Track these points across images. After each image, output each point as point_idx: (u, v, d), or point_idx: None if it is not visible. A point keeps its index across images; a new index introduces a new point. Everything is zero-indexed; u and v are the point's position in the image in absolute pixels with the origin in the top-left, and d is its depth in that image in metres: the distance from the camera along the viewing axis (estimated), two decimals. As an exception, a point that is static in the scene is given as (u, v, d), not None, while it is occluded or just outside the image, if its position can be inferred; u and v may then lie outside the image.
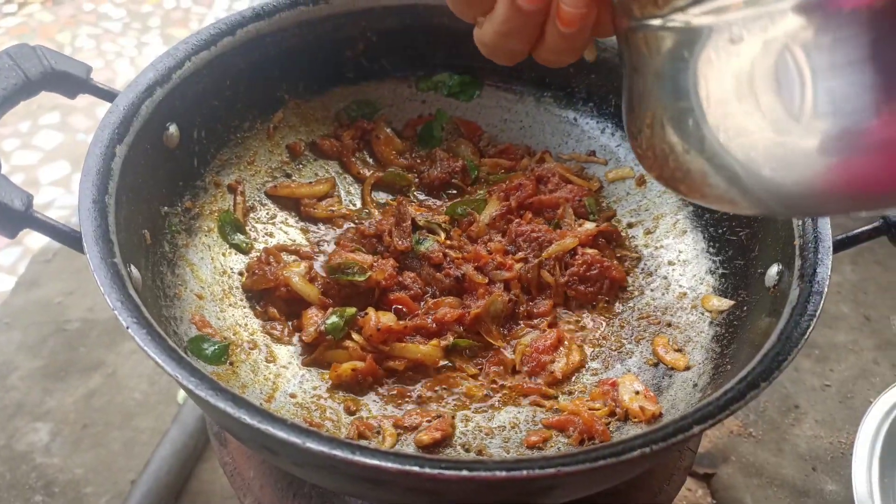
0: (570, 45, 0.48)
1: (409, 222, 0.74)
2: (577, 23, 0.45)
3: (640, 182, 0.80)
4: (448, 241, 0.74)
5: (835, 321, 1.10)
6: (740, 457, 0.95)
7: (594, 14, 0.45)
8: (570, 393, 0.67)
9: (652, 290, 0.73)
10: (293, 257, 0.73)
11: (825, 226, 0.58)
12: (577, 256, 0.73)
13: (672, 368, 0.66)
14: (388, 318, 0.67)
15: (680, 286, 0.73)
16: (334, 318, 0.67)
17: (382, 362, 0.67)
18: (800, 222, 0.59)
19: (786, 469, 0.94)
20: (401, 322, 0.67)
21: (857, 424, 0.85)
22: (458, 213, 0.78)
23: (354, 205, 0.80)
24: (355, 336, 0.67)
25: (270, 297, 0.70)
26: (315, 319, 0.67)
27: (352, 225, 0.77)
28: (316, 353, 0.67)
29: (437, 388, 0.66)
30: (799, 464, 0.94)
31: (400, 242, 0.73)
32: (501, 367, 0.68)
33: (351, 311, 0.68)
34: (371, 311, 0.68)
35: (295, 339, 0.69)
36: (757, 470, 0.94)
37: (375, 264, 0.70)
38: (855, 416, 0.91)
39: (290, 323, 0.69)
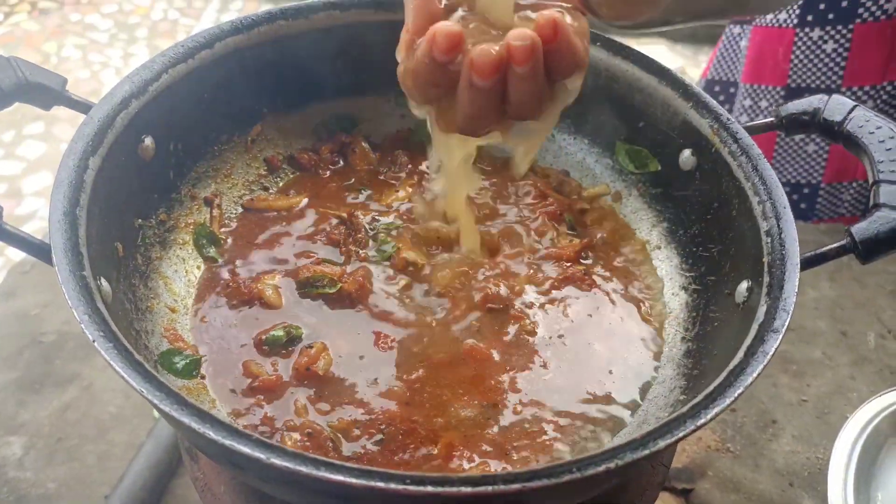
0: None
1: (363, 233, 0.74)
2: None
3: (617, 198, 0.81)
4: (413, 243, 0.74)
5: (812, 337, 1.10)
6: (718, 472, 0.95)
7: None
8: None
9: (626, 306, 0.74)
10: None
11: (793, 243, 0.59)
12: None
13: None
14: (321, 364, 0.64)
15: (654, 302, 0.73)
16: (279, 332, 0.66)
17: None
18: (769, 239, 0.60)
19: (763, 484, 0.94)
20: (331, 371, 0.64)
21: (833, 440, 0.85)
22: None
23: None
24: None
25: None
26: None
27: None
28: None
29: None
30: (776, 479, 0.95)
31: (360, 253, 0.73)
32: None
33: (300, 330, 0.67)
34: (317, 345, 0.66)
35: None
36: (734, 485, 0.94)
37: (346, 275, 0.70)
38: (832, 431, 0.91)
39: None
